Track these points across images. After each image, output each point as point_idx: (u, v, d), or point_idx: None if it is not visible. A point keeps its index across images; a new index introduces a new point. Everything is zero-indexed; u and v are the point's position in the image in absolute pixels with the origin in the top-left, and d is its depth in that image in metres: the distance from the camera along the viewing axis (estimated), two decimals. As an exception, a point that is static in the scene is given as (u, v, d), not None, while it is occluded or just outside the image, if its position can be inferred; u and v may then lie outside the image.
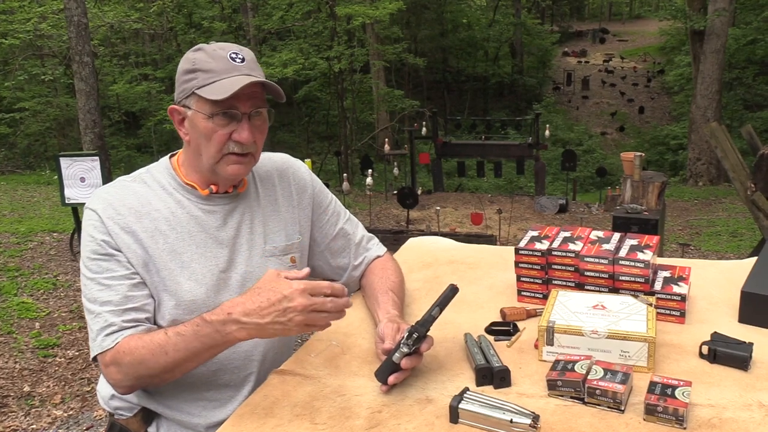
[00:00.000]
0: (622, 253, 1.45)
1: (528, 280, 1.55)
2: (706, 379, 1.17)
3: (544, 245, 1.53)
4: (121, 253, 1.27)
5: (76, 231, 5.97)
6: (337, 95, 15.30)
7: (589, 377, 1.11)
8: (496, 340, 1.35)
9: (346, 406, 1.16)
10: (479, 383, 1.19)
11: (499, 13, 25.78)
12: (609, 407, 1.08)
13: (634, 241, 1.51)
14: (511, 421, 1.04)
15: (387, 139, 12.64)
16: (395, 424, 1.09)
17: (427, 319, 1.19)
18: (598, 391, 1.09)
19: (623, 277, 1.43)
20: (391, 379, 1.18)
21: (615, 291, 1.44)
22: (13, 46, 13.46)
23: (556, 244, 1.52)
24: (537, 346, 1.29)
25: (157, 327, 1.30)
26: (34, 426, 3.42)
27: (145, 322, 1.27)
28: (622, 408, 1.08)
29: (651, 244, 1.48)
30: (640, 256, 1.43)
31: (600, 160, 17.14)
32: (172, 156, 1.41)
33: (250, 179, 1.45)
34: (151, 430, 1.40)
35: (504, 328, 1.40)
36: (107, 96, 16.04)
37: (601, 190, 11.21)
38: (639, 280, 1.42)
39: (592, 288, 1.47)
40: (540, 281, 1.53)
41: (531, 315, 1.47)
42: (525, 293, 1.56)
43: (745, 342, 1.24)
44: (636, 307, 1.31)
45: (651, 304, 1.32)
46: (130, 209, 1.30)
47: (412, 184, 10.66)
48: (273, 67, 12.70)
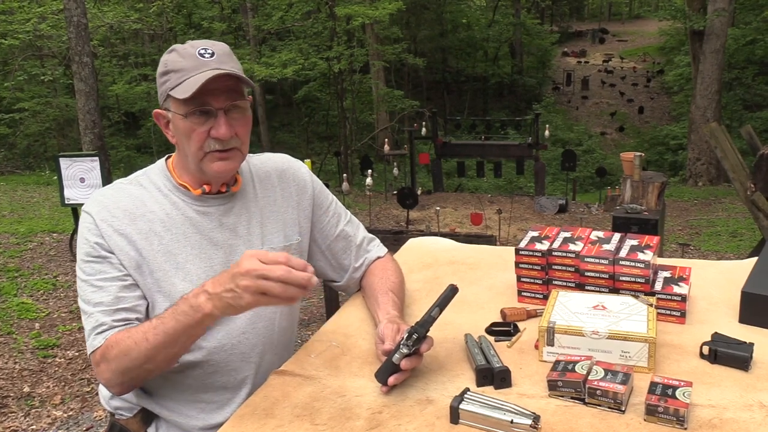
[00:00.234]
0: (623, 253, 1.45)
1: (528, 280, 1.55)
2: (707, 379, 1.17)
3: (544, 246, 1.53)
4: (114, 255, 1.28)
5: (75, 231, 5.97)
6: (336, 95, 15.30)
7: (589, 378, 1.11)
8: (496, 341, 1.35)
9: (347, 407, 1.16)
10: (480, 384, 1.19)
11: (499, 13, 25.78)
12: (610, 408, 1.08)
13: (635, 242, 1.51)
14: (512, 421, 1.03)
15: (387, 140, 12.63)
16: (396, 425, 1.09)
17: (426, 320, 1.19)
18: (598, 392, 1.09)
19: (623, 278, 1.43)
20: (392, 379, 1.18)
21: (615, 291, 1.44)
22: (13, 47, 13.46)
23: (556, 245, 1.52)
24: (537, 347, 1.29)
25: None
26: (33, 427, 3.42)
27: (135, 321, 1.27)
28: (623, 408, 1.08)
29: (651, 245, 1.48)
30: (641, 256, 1.43)
31: (600, 160, 17.14)
32: (168, 158, 1.42)
33: (247, 179, 1.44)
34: (150, 430, 1.40)
35: (504, 329, 1.40)
36: (107, 96, 16.06)
37: (601, 190, 11.21)
38: (639, 280, 1.41)
39: (593, 288, 1.47)
40: (540, 282, 1.53)
41: (531, 315, 1.46)
42: (525, 294, 1.56)
43: (745, 342, 1.24)
44: (636, 307, 1.31)
45: (651, 305, 1.32)
46: (125, 211, 1.31)
47: (411, 185, 10.66)
48: (273, 68, 12.70)
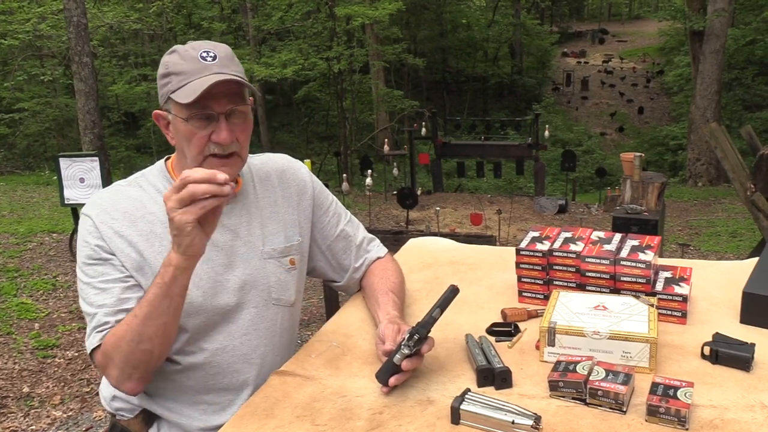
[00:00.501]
0: (624, 253, 1.45)
1: (529, 280, 1.55)
2: (708, 380, 1.17)
3: (545, 246, 1.53)
4: (115, 256, 1.28)
5: (75, 232, 5.97)
6: (336, 96, 15.30)
7: (590, 378, 1.11)
8: (497, 341, 1.35)
9: (347, 408, 1.15)
10: (480, 384, 1.19)
11: (499, 13, 25.79)
12: (611, 408, 1.08)
13: (636, 242, 1.50)
14: (513, 422, 1.03)
15: (386, 140, 12.63)
16: (396, 426, 1.09)
17: (427, 321, 1.19)
18: (599, 392, 1.09)
19: (624, 278, 1.43)
20: (392, 380, 1.18)
21: (616, 292, 1.44)
22: (13, 47, 13.46)
23: (557, 245, 1.52)
24: (538, 347, 1.29)
25: None
26: (33, 427, 3.42)
27: None
28: (624, 409, 1.07)
29: (652, 245, 1.48)
30: (642, 256, 1.42)
31: (599, 161, 17.15)
32: (167, 159, 1.41)
33: (248, 180, 1.44)
34: (151, 431, 1.39)
35: (505, 329, 1.40)
36: (107, 96, 16.06)
37: (601, 191, 11.22)
38: (640, 280, 1.41)
39: (594, 289, 1.47)
40: (541, 282, 1.53)
41: (532, 316, 1.46)
42: (526, 294, 1.56)
43: (747, 343, 1.24)
44: (637, 307, 1.31)
45: (652, 305, 1.32)
46: (125, 213, 1.31)
47: (411, 185, 10.66)
48: (272, 68, 12.70)
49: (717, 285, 1.58)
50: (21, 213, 8.33)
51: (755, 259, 1.56)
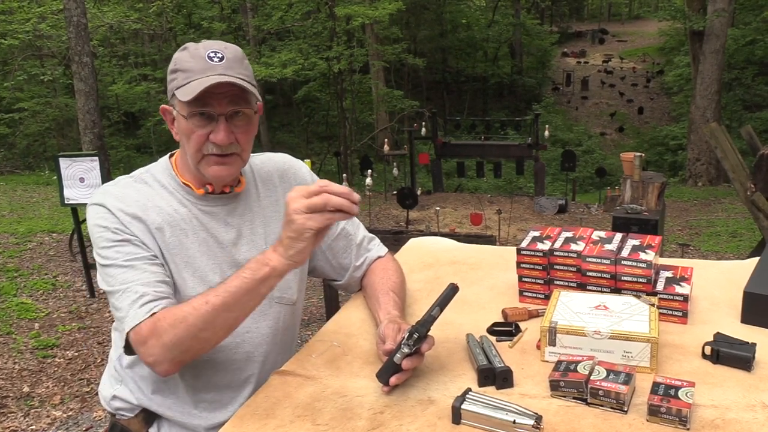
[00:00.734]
0: (625, 253, 1.45)
1: (530, 280, 1.54)
2: (709, 379, 1.17)
3: (545, 245, 1.52)
4: (137, 237, 1.26)
5: (75, 231, 5.96)
6: (336, 95, 15.30)
7: (591, 378, 1.11)
8: (498, 341, 1.35)
9: (348, 407, 1.15)
10: (481, 384, 1.19)
11: (499, 13, 25.79)
12: (612, 408, 1.08)
13: (637, 242, 1.50)
14: (514, 422, 1.03)
15: (386, 140, 12.63)
16: (397, 425, 1.09)
17: (427, 319, 1.18)
18: (601, 392, 1.08)
19: (625, 278, 1.43)
20: (393, 380, 1.17)
21: (617, 291, 1.44)
22: (13, 47, 13.47)
23: (558, 245, 1.52)
24: (539, 347, 1.29)
25: None
26: (33, 427, 3.42)
27: (173, 299, 1.23)
28: (625, 409, 1.07)
29: (653, 245, 1.48)
30: (643, 256, 1.42)
31: (599, 161, 17.15)
32: (172, 155, 1.41)
33: (250, 180, 1.44)
34: (152, 431, 1.39)
35: (506, 329, 1.39)
36: (106, 96, 16.06)
37: (601, 191, 11.22)
38: (641, 280, 1.41)
39: (594, 288, 1.46)
40: (542, 282, 1.53)
41: (533, 315, 1.46)
42: (527, 294, 1.55)
43: (748, 342, 1.24)
44: (638, 307, 1.31)
45: (653, 305, 1.32)
46: (136, 202, 1.29)
47: (411, 185, 10.66)
48: (272, 68, 12.70)
49: (718, 285, 1.58)
50: (21, 213, 8.33)
51: (756, 259, 1.56)
